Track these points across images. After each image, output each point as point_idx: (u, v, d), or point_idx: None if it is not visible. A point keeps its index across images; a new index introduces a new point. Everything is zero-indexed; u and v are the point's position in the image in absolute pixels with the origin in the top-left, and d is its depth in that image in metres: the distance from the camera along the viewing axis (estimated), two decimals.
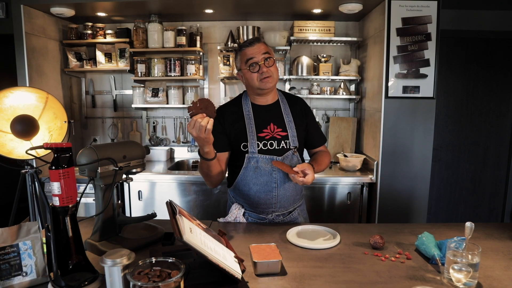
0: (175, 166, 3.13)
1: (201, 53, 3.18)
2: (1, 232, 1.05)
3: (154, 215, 1.42)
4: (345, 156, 2.84)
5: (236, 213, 1.65)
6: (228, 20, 3.19)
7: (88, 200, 2.75)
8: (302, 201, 1.79)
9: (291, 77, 3.01)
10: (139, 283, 0.84)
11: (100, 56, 3.08)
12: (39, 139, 1.76)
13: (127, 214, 2.77)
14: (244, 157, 1.60)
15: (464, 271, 1.05)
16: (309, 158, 1.78)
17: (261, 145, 1.60)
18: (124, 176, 1.39)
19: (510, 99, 3.40)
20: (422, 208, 2.62)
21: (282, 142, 1.61)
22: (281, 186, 1.62)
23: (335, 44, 3.18)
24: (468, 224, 1.15)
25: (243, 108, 1.65)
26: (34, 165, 1.93)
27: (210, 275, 1.08)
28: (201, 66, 3.18)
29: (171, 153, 3.35)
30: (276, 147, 1.61)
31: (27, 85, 2.65)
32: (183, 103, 3.20)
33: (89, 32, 3.07)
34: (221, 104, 1.76)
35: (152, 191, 2.76)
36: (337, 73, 3.14)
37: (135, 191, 2.75)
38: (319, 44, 3.19)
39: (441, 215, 3.57)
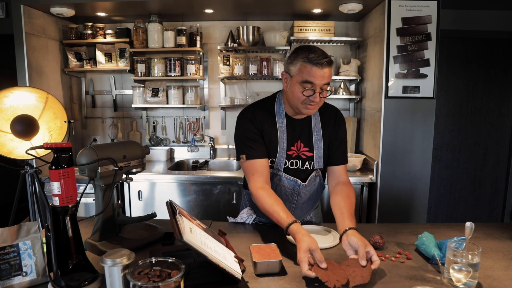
0: (175, 166, 3.13)
1: (201, 53, 3.18)
2: (1, 232, 1.05)
3: (154, 215, 1.42)
4: None
5: (246, 218, 1.63)
6: (228, 20, 3.19)
7: (88, 200, 2.75)
8: (317, 204, 1.74)
9: None
10: (139, 283, 0.84)
11: (100, 56, 3.08)
12: (39, 139, 1.76)
13: (127, 214, 2.77)
14: None
15: (464, 271, 1.05)
16: (326, 181, 1.61)
17: (288, 164, 1.52)
18: (124, 176, 1.39)
19: (510, 99, 3.40)
20: (422, 208, 2.62)
21: (307, 162, 1.53)
22: (298, 207, 1.59)
23: (335, 44, 3.18)
24: (468, 224, 1.15)
25: (276, 117, 1.51)
26: (34, 165, 1.93)
27: (210, 275, 1.08)
28: (201, 66, 3.18)
29: (171, 153, 3.35)
30: (300, 167, 1.53)
31: (27, 85, 2.65)
32: (183, 103, 3.20)
33: (89, 32, 3.07)
34: (253, 104, 1.57)
35: (152, 191, 2.75)
36: (337, 73, 3.13)
37: (135, 191, 2.75)
38: (319, 44, 3.18)
39: (441, 215, 3.56)
